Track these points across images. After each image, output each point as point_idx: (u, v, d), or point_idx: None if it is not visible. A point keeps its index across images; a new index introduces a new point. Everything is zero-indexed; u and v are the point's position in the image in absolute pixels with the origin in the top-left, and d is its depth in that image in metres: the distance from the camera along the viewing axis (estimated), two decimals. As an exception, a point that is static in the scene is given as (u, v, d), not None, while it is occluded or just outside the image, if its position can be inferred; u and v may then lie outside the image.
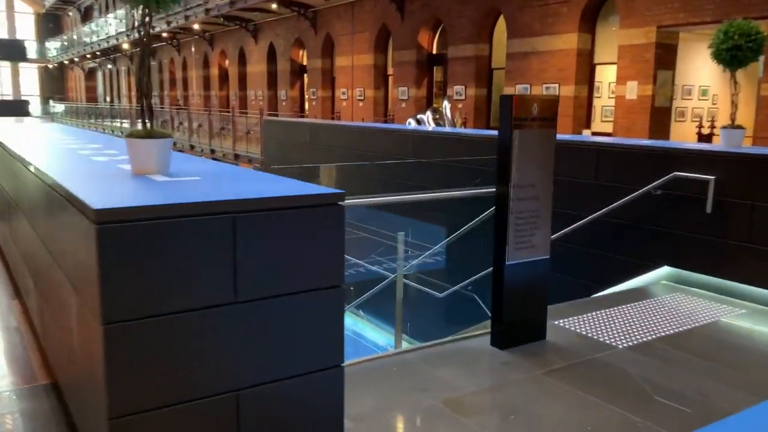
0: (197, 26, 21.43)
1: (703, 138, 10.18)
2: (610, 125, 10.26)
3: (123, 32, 28.27)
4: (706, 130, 10.32)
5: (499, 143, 3.48)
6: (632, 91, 9.64)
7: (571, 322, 4.02)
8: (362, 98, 15.83)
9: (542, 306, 3.74)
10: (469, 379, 3.13)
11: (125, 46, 29.49)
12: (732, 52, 4.61)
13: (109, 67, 38.97)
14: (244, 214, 1.87)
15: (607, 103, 10.76)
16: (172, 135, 2.47)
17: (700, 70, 10.37)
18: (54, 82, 50.11)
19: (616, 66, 9.85)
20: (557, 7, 10.51)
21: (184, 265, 1.74)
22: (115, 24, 29.57)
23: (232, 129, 18.48)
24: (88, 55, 36.83)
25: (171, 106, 28.04)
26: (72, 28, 42.79)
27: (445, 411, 2.75)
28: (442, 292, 6.65)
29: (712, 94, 10.91)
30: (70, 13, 45.62)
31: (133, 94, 34.69)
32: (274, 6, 16.51)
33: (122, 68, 36.15)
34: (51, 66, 47.68)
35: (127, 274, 1.65)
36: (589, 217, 5.31)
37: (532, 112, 3.43)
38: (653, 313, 4.16)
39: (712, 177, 4.45)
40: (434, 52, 14.06)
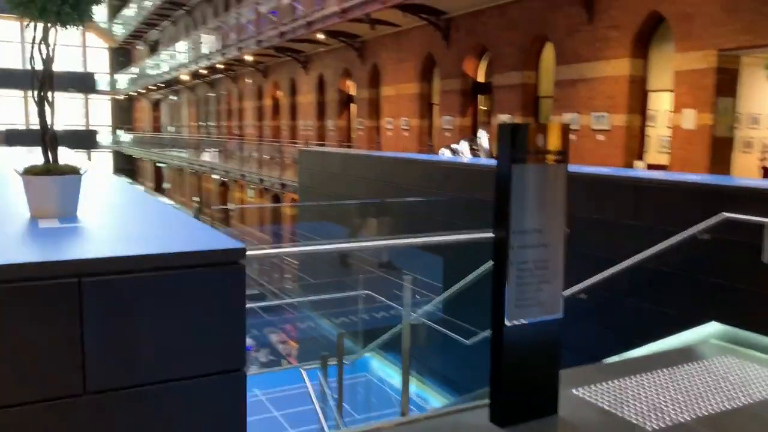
0: (250, 57, 21.69)
1: (769, 172, 9.27)
2: (668, 157, 9.48)
3: (183, 64, 29.03)
4: (772, 163, 9.40)
5: (496, 180, 2.96)
6: (690, 120, 8.87)
7: (593, 392, 3.39)
8: (407, 128, 15.46)
9: (552, 374, 3.14)
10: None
11: (184, 78, 30.28)
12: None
13: (173, 98, 40.23)
14: (94, 279, 1.43)
15: (664, 133, 9.97)
16: (80, 170, 2.07)
17: (767, 97, 9.49)
18: (123, 113, 52.23)
19: (672, 93, 9.10)
20: (606, 31, 9.87)
21: (12, 344, 1.33)
22: (177, 57, 30.44)
23: (280, 158, 18.46)
24: (152, 87, 38.11)
25: (228, 137, 28.51)
26: (139, 61, 44.52)
27: None
28: (470, 339, 6.08)
29: (783, 123, 9.99)
30: (140, 47, 47.58)
31: (193, 124, 35.62)
32: (320, 36, 16.46)
33: (184, 99, 37.20)
34: (120, 97, 49.71)
35: None
36: (626, 263, 4.67)
37: (537, 144, 2.90)
38: (696, 383, 3.48)
39: (769, 220, 3.78)
40: (480, 80, 13.58)
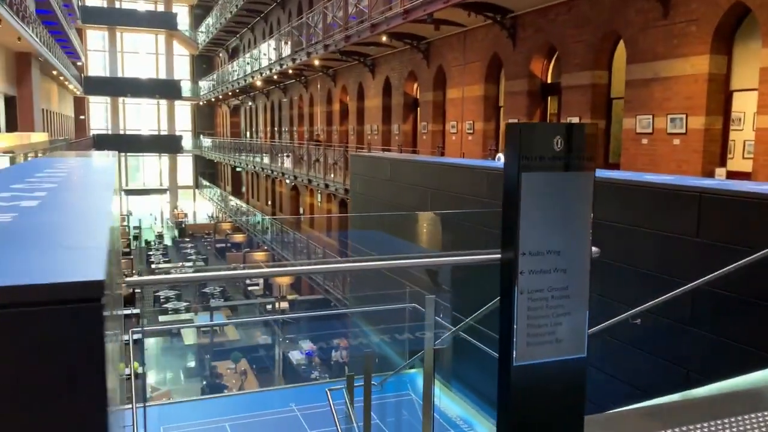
0: (317, 62, 21.69)
1: None
2: (752, 164, 8.53)
3: (256, 70, 29.51)
4: None
5: (504, 191, 2.49)
6: (779, 121, 7.93)
7: (630, 446, 2.83)
8: (471, 131, 14.89)
9: (574, 424, 2.62)
10: None
11: (259, 83, 30.79)
12: None
13: (249, 104, 41.11)
14: None
15: (751, 137, 9.00)
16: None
17: None
18: (204, 119, 54.02)
19: (758, 92, 8.17)
20: (684, 26, 9.02)
21: None
22: (251, 63, 31.00)
23: (344, 164, 18.28)
24: (230, 93, 39.06)
25: (298, 141, 28.73)
26: (219, 68, 45.82)
27: None
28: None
29: None
30: (221, 54, 49.01)
31: (268, 129, 36.20)
32: (384, 38, 16.15)
33: (260, 105, 37.90)
34: (201, 104, 51.39)
35: None
36: (688, 286, 4.02)
37: (553, 148, 2.40)
38: (762, 440, 2.84)
39: None
40: (548, 81, 12.86)
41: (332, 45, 18.84)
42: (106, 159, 7.51)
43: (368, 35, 16.21)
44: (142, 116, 53.93)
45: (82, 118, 51.60)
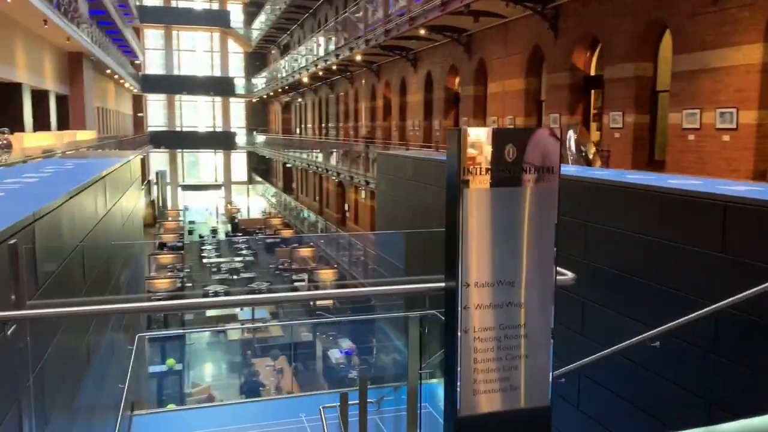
0: (359, 57, 21.42)
1: None
2: (812, 161, 7.76)
3: (303, 66, 29.50)
4: None
5: (446, 209, 2.11)
6: (842, 115, 7.15)
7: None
8: (513, 126, 14.31)
9: (536, 487, 2.22)
10: None
11: (306, 80, 30.78)
12: None
13: (299, 100, 41.28)
14: None
15: (811, 132, 8.21)
16: None
17: None
18: (257, 116, 54.63)
19: (818, 83, 7.41)
20: (736, 12, 8.27)
21: None
22: (298, 59, 31.03)
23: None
24: (280, 90, 39.29)
25: (344, 138, 28.59)
26: (271, 65, 46.21)
27: None
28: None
29: None
30: (273, 51, 49.41)
31: (316, 126, 36.24)
32: (423, 32, 15.72)
33: (308, 101, 37.98)
34: (255, 101, 51.98)
35: None
36: (710, 308, 3.53)
37: (504, 157, 2.00)
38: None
39: None
40: (591, 74, 12.19)
41: (373, 40, 18.52)
42: (126, 158, 7.43)
43: (407, 29, 15.81)
44: (198, 113, 55.01)
45: (141, 115, 52.97)
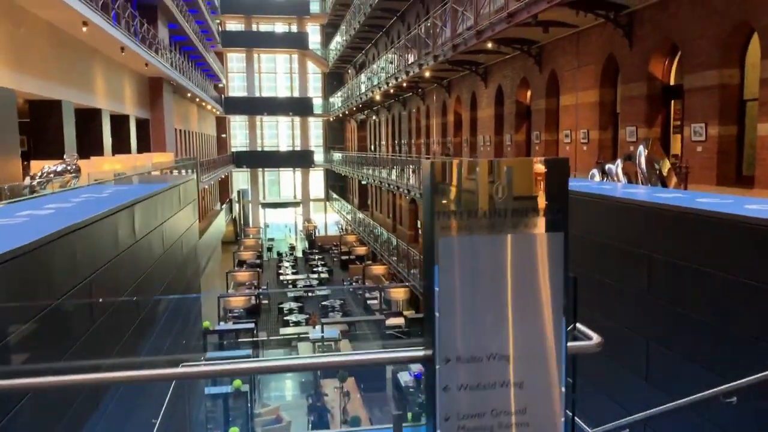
0: (428, 74, 21.13)
1: None
2: None
3: (375, 85, 29.53)
4: None
5: (423, 261, 1.70)
6: None
7: None
8: (586, 141, 13.55)
9: None
10: None
11: (379, 98, 30.80)
12: None
13: (373, 118, 41.45)
14: None
15: None
16: None
17: None
18: (335, 133, 55.42)
19: None
20: (835, 9, 7.37)
21: None
22: (371, 77, 31.13)
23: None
24: (354, 108, 39.61)
25: (415, 155, 28.32)
26: (347, 84, 46.75)
27: None
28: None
29: None
30: (349, 71, 50.04)
31: (390, 143, 36.19)
32: (490, 45, 15.22)
33: (382, 118, 38.04)
34: (332, 119, 52.74)
35: None
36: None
37: (494, 196, 1.58)
38: None
39: None
40: (670, 83, 11.32)
41: (441, 55, 18.18)
42: (173, 183, 7.41)
43: (474, 42, 15.37)
44: (278, 132, 56.46)
45: (224, 136, 54.82)
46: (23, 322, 2.86)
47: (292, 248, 46.23)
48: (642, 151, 6.43)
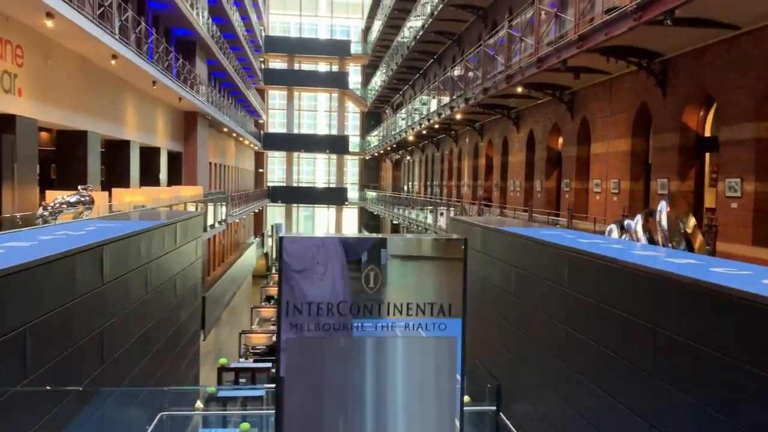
0: (459, 116, 20.92)
1: None
2: None
3: (409, 126, 29.47)
4: None
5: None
6: None
7: None
8: (617, 191, 13.00)
9: None
10: None
11: (411, 139, 30.72)
12: None
13: (408, 158, 41.38)
14: None
15: None
16: None
17: None
18: (371, 172, 55.56)
19: None
20: None
21: None
22: (406, 119, 31.12)
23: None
24: (389, 148, 39.63)
25: (447, 197, 27.96)
26: (383, 124, 46.97)
27: None
28: None
29: None
30: (387, 111, 50.37)
31: (423, 184, 35.93)
32: (520, 89, 14.92)
33: (416, 159, 37.90)
34: (368, 158, 52.94)
35: None
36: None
37: (364, 286, 1.21)
38: None
39: None
40: (704, 135, 10.78)
41: (472, 98, 17.94)
42: (175, 218, 7.19)
43: (505, 86, 15.08)
44: (315, 169, 56.94)
45: (261, 171, 55.46)
46: None
47: (322, 285, 45.93)
48: (663, 207, 5.94)
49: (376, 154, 47.70)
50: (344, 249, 1.88)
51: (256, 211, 46.74)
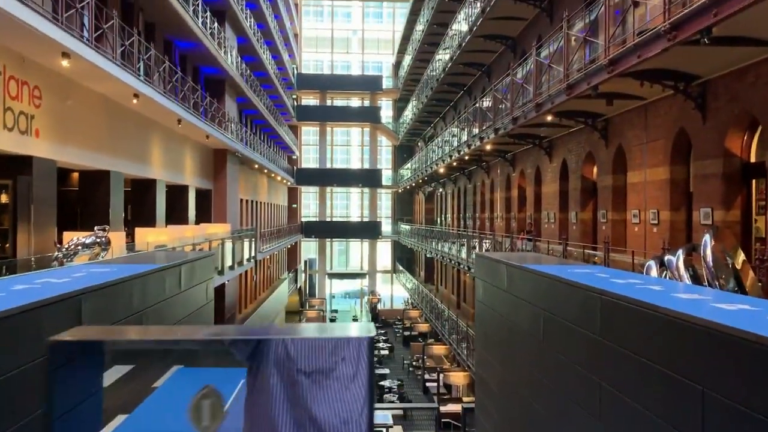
0: (489, 147, 20.43)
1: None
2: None
3: (440, 158, 29.08)
4: None
5: None
6: None
7: None
8: (656, 222, 12.27)
9: None
10: None
11: (442, 171, 30.28)
12: None
13: (440, 190, 40.90)
14: None
15: None
16: None
17: None
18: (404, 205, 55.21)
19: None
20: None
21: None
22: (436, 151, 30.76)
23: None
24: (420, 181, 39.25)
25: (479, 230, 27.32)
26: (416, 157, 46.72)
27: None
28: None
29: None
30: (419, 144, 50.18)
31: (455, 216, 35.32)
32: (550, 118, 14.38)
33: (448, 191, 37.39)
34: (401, 191, 52.63)
35: None
36: None
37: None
38: None
39: None
40: (750, 161, 10.06)
41: (501, 128, 17.45)
42: (195, 258, 6.85)
43: (534, 115, 14.57)
44: (348, 203, 56.93)
45: (295, 206, 55.58)
46: None
47: (355, 320, 45.41)
48: (708, 241, 5.29)
49: (409, 187, 47.39)
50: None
51: (289, 246, 46.64)
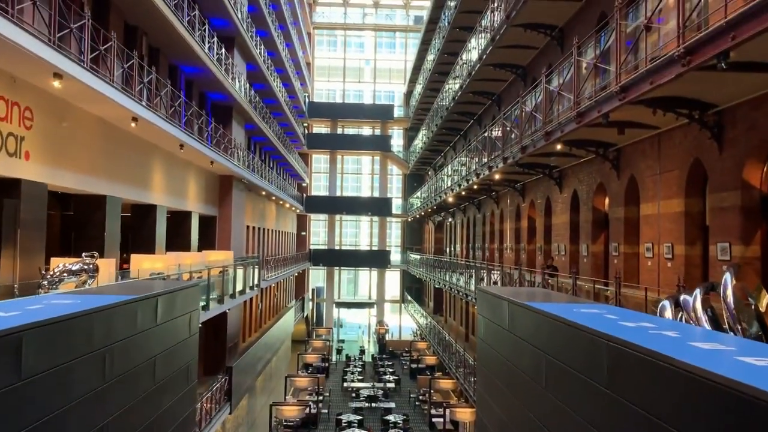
0: (498, 176, 20.00)
1: None
2: None
3: (448, 187, 28.69)
4: None
5: None
6: None
7: None
8: (670, 256, 11.72)
9: None
10: None
11: (450, 200, 29.86)
12: None
13: (450, 220, 40.42)
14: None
15: None
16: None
17: None
18: (413, 234, 54.72)
19: None
20: None
21: None
22: (444, 179, 30.40)
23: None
24: (429, 210, 38.82)
25: (488, 261, 26.76)
26: (424, 186, 46.40)
27: None
28: None
29: None
30: (429, 172, 49.87)
31: (464, 246, 34.76)
32: (559, 147, 13.94)
33: (458, 221, 36.91)
34: (410, 220, 52.20)
35: None
36: None
37: None
38: None
39: None
40: (771, 193, 9.55)
41: (510, 157, 17.03)
42: (183, 290, 6.43)
43: (543, 144, 14.15)
44: (358, 231, 56.57)
45: (303, 234, 55.23)
46: None
47: (362, 352, 44.56)
48: (728, 280, 4.80)
49: (419, 216, 46.96)
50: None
51: (296, 274, 46.14)
